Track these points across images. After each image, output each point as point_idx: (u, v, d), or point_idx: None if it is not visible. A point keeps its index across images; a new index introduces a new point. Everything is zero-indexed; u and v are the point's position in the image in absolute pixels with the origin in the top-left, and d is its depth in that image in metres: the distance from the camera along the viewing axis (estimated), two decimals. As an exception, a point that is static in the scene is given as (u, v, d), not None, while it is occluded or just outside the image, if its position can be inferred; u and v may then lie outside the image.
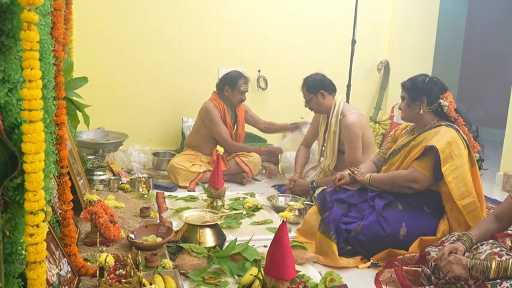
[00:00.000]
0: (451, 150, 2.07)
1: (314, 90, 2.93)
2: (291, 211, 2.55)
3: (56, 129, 1.59)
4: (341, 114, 2.90)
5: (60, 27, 1.55)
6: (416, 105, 2.22)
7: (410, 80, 2.27)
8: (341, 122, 2.89)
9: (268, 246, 1.58)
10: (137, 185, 2.89)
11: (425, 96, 2.20)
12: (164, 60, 3.77)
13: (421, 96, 2.21)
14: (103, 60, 3.60)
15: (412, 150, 2.20)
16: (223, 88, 3.31)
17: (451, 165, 2.06)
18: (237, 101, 3.34)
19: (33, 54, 0.95)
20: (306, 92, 2.97)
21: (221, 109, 3.31)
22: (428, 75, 2.27)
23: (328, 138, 2.98)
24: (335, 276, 1.85)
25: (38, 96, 0.97)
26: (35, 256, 1.03)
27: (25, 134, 0.97)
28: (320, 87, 2.93)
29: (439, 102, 2.19)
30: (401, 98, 2.30)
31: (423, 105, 2.20)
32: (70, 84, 2.30)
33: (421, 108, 2.21)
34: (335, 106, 2.93)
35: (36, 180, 0.99)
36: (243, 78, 3.31)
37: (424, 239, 2.05)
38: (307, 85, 2.96)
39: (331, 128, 2.94)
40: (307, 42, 4.14)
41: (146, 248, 1.96)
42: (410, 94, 2.24)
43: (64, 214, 1.69)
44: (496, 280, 1.43)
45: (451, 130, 2.13)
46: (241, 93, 3.31)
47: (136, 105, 3.75)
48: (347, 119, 2.86)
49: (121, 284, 1.50)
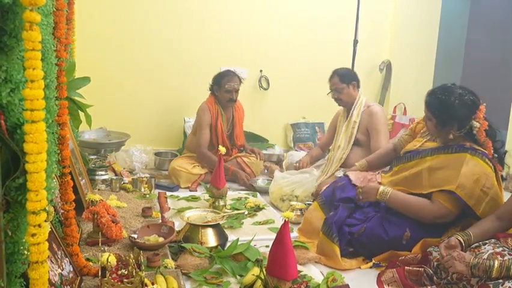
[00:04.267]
0: (479, 189, 1.89)
1: (347, 80, 2.96)
2: (293, 211, 2.55)
3: (58, 129, 1.59)
4: (364, 106, 2.95)
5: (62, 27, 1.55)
6: (446, 131, 2.00)
7: (438, 99, 1.98)
8: (364, 113, 2.94)
9: (270, 246, 1.58)
10: (139, 184, 2.89)
11: (455, 122, 1.96)
12: (166, 60, 3.77)
13: (451, 122, 1.96)
14: (105, 60, 3.60)
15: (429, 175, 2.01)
16: (213, 89, 3.31)
17: (485, 203, 1.89)
18: (226, 101, 3.28)
19: (35, 54, 0.95)
20: (338, 82, 2.96)
21: (214, 111, 3.29)
22: (457, 92, 1.97)
23: (346, 129, 2.99)
24: (336, 276, 1.84)
25: (40, 96, 0.97)
26: (37, 256, 1.03)
27: (27, 134, 0.97)
28: (352, 78, 2.98)
29: (471, 124, 1.96)
30: (427, 116, 2.05)
31: (454, 130, 1.98)
32: (72, 84, 2.30)
33: (451, 133, 1.99)
34: (358, 99, 2.98)
35: (38, 180, 0.99)
36: (227, 77, 3.26)
37: (428, 241, 1.99)
38: (341, 74, 2.97)
39: (351, 119, 2.96)
40: (309, 42, 4.13)
41: (148, 248, 1.96)
42: (436, 118, 1.99)
43: (65, 214, 1.69)
44: (498, 280, 1.43)
45: (475, 160, 1.92)
46: (227, 91, 3.24)
47: (138, 105, 3.76)
48: (372, 109, 2.93)
49: (123, 284, 1.50)
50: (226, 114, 3.37)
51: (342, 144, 2.99)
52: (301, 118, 4.24)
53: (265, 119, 4.05)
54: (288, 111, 4.18)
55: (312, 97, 4.18)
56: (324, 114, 4.13)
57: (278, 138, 4.18)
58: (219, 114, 3.32)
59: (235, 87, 3.28)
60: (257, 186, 3.19)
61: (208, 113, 3.27)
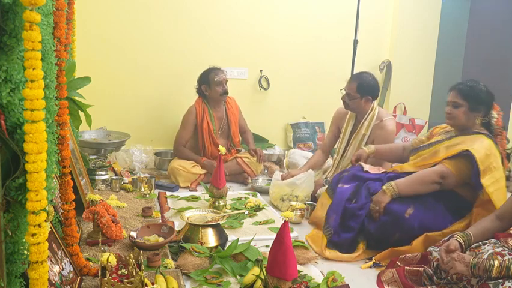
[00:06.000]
0: (489, 162, 2.02)
1: (363, 92, 2.79)
2: (293, 211, 2.55)
3: (58, 129, 1.59)
4: (376, 119, 2.83)
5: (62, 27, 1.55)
6: (474, 115, 2.14)
7: (469, 87, 2.15)
8: (376, 126, 2.82)
9: (270, 246, 1.58)
10: (139, 184, 2.90)
11: (483, 107, 2.14)
12: (166, 60, 3.77)
13: (480, 107, 2.14)
14: (105, 60, 3.60)
15: (446, 149, 2.15)
16: (201, 90, 3.31)
17: (490, 177, 2.01)
18: (219, 94, 3.26)
19: (35, 54, 0.95)
20: (354, 88, 2.80)
21: (200, 111, 3.30)
22: (482, 84, 2.18)
23: (354, 139, 2.90)
24: (337, 276, 1.84)
25: (40, 96, 0.97)
26: (37, 256, 1.03)
27: (27, 134, 0.97)
28: (370, 92, 2.81)
29: (491, 114, 2.16)
30: (451, 103, 2.17)
31: (480, 115, 2.14)
32: (72, 84, 2.30)
33: (477, 118, 2.14)
34: (371, 110, 2.85)
35: (38, 180, 0.99)
36: (214, 70, 3.28)
37: (429, 236, 2.03)
38: (360, 84, 2.80)
39: (361, 130, 2.86)
40: (309, 42, 4.13)
41: (148, 248, 1.96)
42: (468, 102, 2.13)
43: (66, 214, 1.69)
44: (498, 280, 1.43)
45: (490, 141, 2.08)
46: (218, 84, 3.24)
47: (138, 105, 3.76)
48: (386, 123, 2.81)
49: (123, 284, 1.50)
50: (216, 114, 3.36)
51: (348, 154, 2.92)
52: (301, 118, 4.24)
53: (265, 119, 4.05)
54: (288, 111, 4.18)
55: (312, 97, 4.18)
56: (324, 114, 4.13)
57: (278, 138, 4.18)
58: (205, 114, 3.31)
59: (225, 78, 3.29)
60: (257, 186, 3.19)
61: (192, 114, 3.30)
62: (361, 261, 2.12)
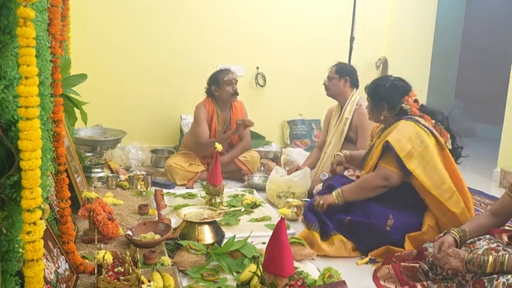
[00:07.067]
0: (412, 144, 2.05)
1: (341, 74, 3.00)
2: (289, 208, 2.55)
3: (53, 126, 1.58)
4: (356, 104, 2.97)
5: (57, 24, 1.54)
6: (378, 111, 2.25)
7: (372, 84, 2.29)
8: (356, 111, 2.95)
9: (267, 243, 1.58)
10: (135, 182, 2.89)
11: (385, 102, 2.21)
12: (162, 57, 3.76)
13: (382, 103, 2.22)
14: (101, 57, 3.59)
15: (376, 149, 2.21)
16: (211, 90, 3.29)
17: (416, 159, 2.05)
18: (230, 95, 3.26)
19: (29, 50, 0.94)
20: (333, 71, 3.04)
21: (210, 110, 3.29)
22: (389, 78, 2.26)
23: (338, 125, 3.00)
24: (333, 272, 1.85)
25: (35, 93, 0.96)
26: (33, 254, 1.02)
27: (22, 131, 0.96)
28: (348, 74, 3.00)
29: (401, 106, 2.19)
30: (367, 100, 2.33)
31: (384, 111, 2.22)
32: (67, 81, 2.29)
33: (382, 114, 2.23)
34: (352, 97, 3.00)
35: (33, 178, 0.98)
36: (224, 71, 3.28)
37: (411, 236, 2.06)
38: (339, 66, 3.04)
39: (343, 115, 2.98)
40: (306, 39, 4.13)
41: (144, 245, 1.96)
42: (371, 99, 2.27)
43: (61, 212, 1.69)
44: (493, 275, 1.44)
45: (409, 123, 2.12)
46: (228, 84, 3.23)
47: (134, 102, 3.75)
48: (363, 108, 2.88)
49: (119, 282, 1.50)
50: (222, 115, 3.35)
51: (333, 140, 3.01)
52: (298, 115, 4.24)
53: (262, 116, 4.05)
54: (284, 108, 4.18)
55: (308, 94, 4.19)
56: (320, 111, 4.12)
57: (275, 135, 4.18)
58: (214, 113, 3.31)
59: (235, 78, 3.28)
60: (254, 183, 3.19)
61: (204, 110, 3.27)
62: (357, 257, 2.13)
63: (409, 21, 4.41)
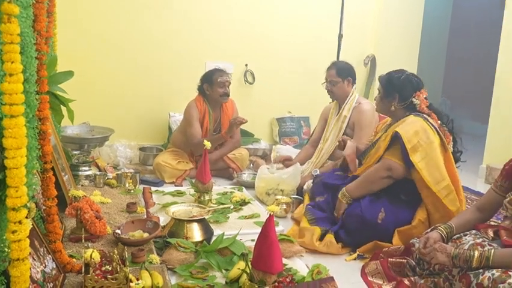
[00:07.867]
0: (418, 139, 2.09)
1: (344, 75, 2.95)
2: (278, 205, 2.56)
3: (39, 124, 1.56)
4: (356, 102, 2.96)
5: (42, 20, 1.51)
6: (389, 101, 2.27)
7: (387, 74, 2.31)
8: (355, 109, 2.95)
9: (256, 240, 1.59)
10: (123, 180, 2.87)
11: (397, 93, 2.24)
12: (150, 54, 3.73)
13: (394, 93, 2.25)
14: (88, 54, 3.55)
15: (384, 142, 2.23)
16: (203, 88, 3.28)
17: (420, 153, 2.08)
18: (220, 96, 3.24)
19: (13, 47, 0.93)
20: (334, 75, 2.95)
21: (201, 109, 3.27)
22: (405, 72, 2.29)
23: (336, 122, 3.00)
24: (321, 268, 1.86)
25: (19, 90, 0.95)
26: (18, 253, 1.01)
27: (6, 129, 0.95)
28: (349, 74, 2.97)
29: (411, 100, 2.22)
30: (378, 90, 2.36)
31: (395, 102, 2.25)
32: (53, 78, 2.26)
33: (392, 105, 2.26)
34: (351, 94, 2.98)
35: (18, 176, 0.97)
36: (218, 72, 3.25)
37: (401, 230, 2.08)
38: (338, 68, 2.97)
39: (342, 113, 2.97)
40: (294, 36, 4.13)
41: (132, 244, 1.95)
42: (384, 89, 2.30)
43: (48, 210, 1.67)
44: (478, 270, 1.46)
45: (418, 118, 2.16)
46: (220, 85, 3.21)
47: (122, 99, 3.71)
48: (363, 106, 2.94)
49: (107, 280, 1.49)
50: (214, 113, 3.34)
51: (331, 137, 3.01)
52: (287, 112, 4.25)
53: (251, 113, 4.03)
54: (273, 106, 4.18)
55: (297, 91, 4.19)
56: (309, 109, 4.15)
57: (264, 132, 4.18)
58: (206, 113, 3.29)
59: (228, 80, 3.26)
60: (243, 181, 3.20)
61: (196, 109, 3.25)
62: (346, 253, 2.15)
63: (396, 18, 4.44)
